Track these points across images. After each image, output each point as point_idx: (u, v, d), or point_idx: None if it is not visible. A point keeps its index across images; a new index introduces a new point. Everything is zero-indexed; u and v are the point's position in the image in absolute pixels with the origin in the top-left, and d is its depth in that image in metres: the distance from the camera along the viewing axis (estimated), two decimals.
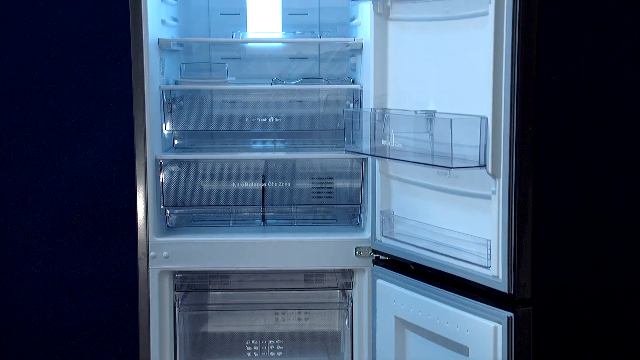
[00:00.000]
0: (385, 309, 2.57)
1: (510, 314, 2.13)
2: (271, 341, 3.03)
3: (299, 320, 3.12)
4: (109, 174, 3.25)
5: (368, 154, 2.56)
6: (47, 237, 3.30)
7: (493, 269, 2.18)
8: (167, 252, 2.69)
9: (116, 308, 3.32)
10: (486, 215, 2.20)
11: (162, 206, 2.78)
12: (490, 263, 2.18)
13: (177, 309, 2.77)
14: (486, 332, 2.18)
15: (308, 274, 2.91)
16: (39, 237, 3.30)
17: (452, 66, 2.31)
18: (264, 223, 2.88)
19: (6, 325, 3.34)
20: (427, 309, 2.39)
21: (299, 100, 3.06)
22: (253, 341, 3.03)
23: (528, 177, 2.09)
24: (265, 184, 2.90)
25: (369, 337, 2.72)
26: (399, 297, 2.50)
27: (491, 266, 2.18)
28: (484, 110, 2.14)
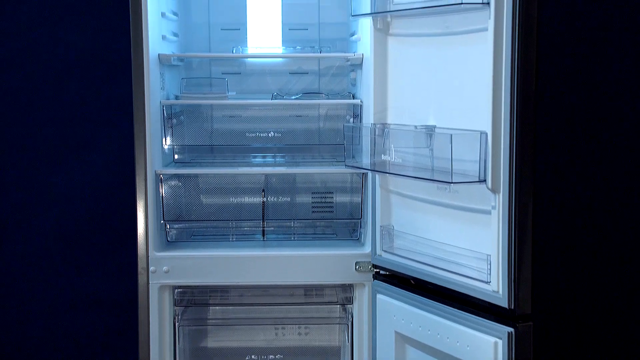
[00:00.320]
0: (385, 324, 2.57)
1: (510, 329, 2.13)
2: (271, 356, 3.02)
3: (299, 335, 3.11)
4: (109, 189, 3.26)
5: (368, 169, 2.56)
6: (47, 252, 3.30)
7: (493, 284, 2.17)
8: (167, 267, 2.69)
9: (116, 323, 3.32)
10: (486, 230, 2.20)
11: (162, 221, 2.78)
12: (490, 278, 2.18)
13: (177, 324, 2.77)
14: (486, 348, 2.18)
15: (308, 289, 2.91)
16: (39, 252, 3.30)
17: (452, 81, 2.32)
18: (264, 238, 2.88)
19: (6, 340, 3.33)
20: (428, 324, 2.38)
21: (299, 115, 3.06)
22: (253, 356, 3.02)
23: (528, 193, 2.09)
24: (265, 199, 2.90)
25: (369, 352, 2.71)
26: (399, 312, 2.49)
27: (491, 281, 2.18)
28: (484, 125, 2.14)
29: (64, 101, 3.22)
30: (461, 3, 2.11)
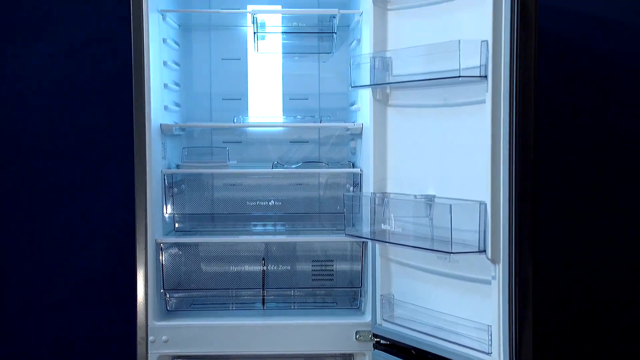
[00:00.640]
0: None
1: None
2: None
3: None
4: (110, 258, 3.25)
5: (368, 238, 2.57)
6: (46, 319, 3.28)
7: (494, 355, 2.16)
8: (167, 337, 2.67)
9: None
10: (487, 300, 2.20)
11: (162, 290, 2.77)
12: (491, 349, 2.17)
13: None
14: None
15: (308, 358, 2.88)
16: (37, 320, 3.27)
17: (451, 151, 2.34)
18: (264, 306, 2.87)
19: None
20: None
21: (300, 183, 3.08)
22: None
23: (528, 263, 2.10)
24: (265, 267, 2.90)
25: None
26: None
27: (492, 352, 2.17)
28: (483, 195, 2.16)
29: (66, 170, 3.24)
30: (459, 76, 2.15)
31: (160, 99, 2.77)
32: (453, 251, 2.18)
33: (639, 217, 3.21)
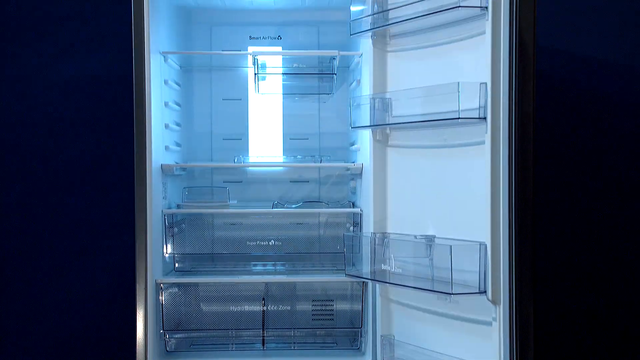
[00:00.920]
0: None
1: None
2: None
3: None
4: (109, 298, 3.24)
5: (368, 278, 2.57)
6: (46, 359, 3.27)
7: None
8: None
9: None
10: (487, 341, 2.19)
11: (162, 330, 2.76)
12: None
13: None
14: None
15: None
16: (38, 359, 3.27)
17: (451, 192, 2.35)
18: (264, 347, 2.86)
19: None
20: None
21: (300, 222, 3.08)
22: None
23: (529, 305, 2.09)
24: (265, 307, 2.89)
25: None
26: None
27: None
28: (483, 236, 2.16)
29: (66, 210, 3.25)
30: (458, 118, 2.16)
31: (161, 139, 2.78)
32: (453, 292, 2.18)
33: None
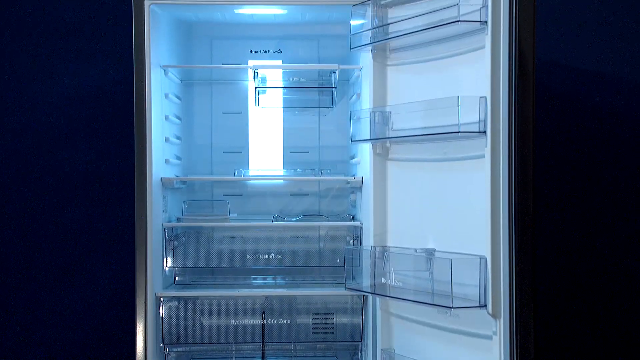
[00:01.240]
0: None
1: None
2: None
3: None
4: (109, 312, 3.24)
5: (368, 292, 2.56)
6: None
7: None
8: None
9: None
10: (488, 355, 2.18)
11: (162, 344, 2.76)
12: None
13: None
14: None
15: None
16: None
17: (451, 205, 2.35)
18: None
19: None
20: None
21: (300, 235, 3.08)
22: None
23: (529, 319, 2.09)
24: (265, 321, 2.88)
25: None
26: None
27: None
28: (483, 249, 2.16)
29: (66, 222, 3.25)
30: (458, 132, 2.17)
31: (161, 153, 2.78)
32: (454, 306, 2.18)
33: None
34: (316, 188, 3.20)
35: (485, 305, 2.15)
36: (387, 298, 2.53)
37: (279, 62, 3.14)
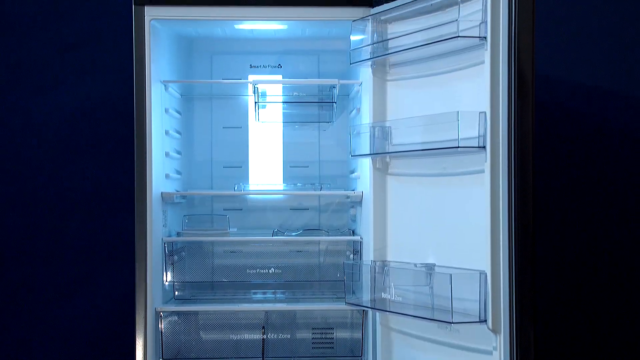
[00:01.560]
0: None
1: None
2: None
3: None
4: (108, 326, 3.23)
5: (368, 307, 2.56)
6: None
7: None
8: None
9: None
10: None
11: (161, 358, 2.75)
12: None
13: None
14: None
15: None
16: None
17: (450, 220, 2.35)
18: None
19: None
20: None
21: (300, 250, 3.08)
22: None
23: (529, 334, 2.08)
24: (265, 336, 2.88)
25: None
26: None
27: None
28: (483, 264, 2.16)
29: (66, 237, 3.25)
30: (458, 147, 2.17)
31: (161, 168, 2.79)
32: (454, 321, 2.18)
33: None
34: (316, 202, 3.20)
35: (485, 320, 2.15)
36: (387, 313, 2.53)
37: (279, 77, 3.15)
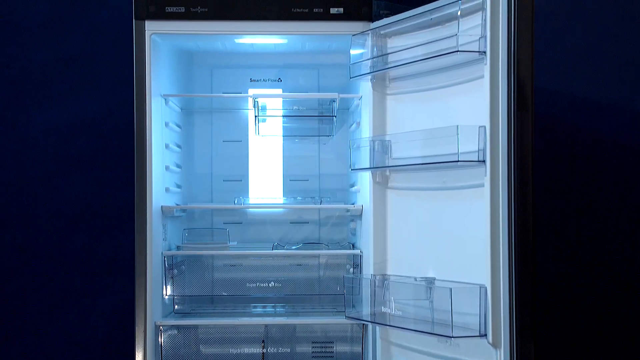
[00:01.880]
0: None
1: None
2: None
3: None
4: (108, 340, 3.23)
5: (368, 321, 2.56)
6: None
7: None
8: None
9: None
10: None
11: None
12: None
13: None
14: None
15: None
16: None
17: (450, 234, 2.36)
18: None
19: None
20: None
21: (299, 264, 3.08)
22: None
23: (529, 348, 2.08)
24: (265, 350, 2.87)
25: None
26: None
27: None
28: (483, 278, 2.16)
29: (66, 251, 3.25)
30: (457, 161, 2.17)
31: (161, 181, 2.79)
32: (454, 335, 2.17)
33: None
34: (316, 216, 3.20)
35: (485, 334, 2.15)
36: (387, 327, 2.53)
37: (279, 91, 3.15)
